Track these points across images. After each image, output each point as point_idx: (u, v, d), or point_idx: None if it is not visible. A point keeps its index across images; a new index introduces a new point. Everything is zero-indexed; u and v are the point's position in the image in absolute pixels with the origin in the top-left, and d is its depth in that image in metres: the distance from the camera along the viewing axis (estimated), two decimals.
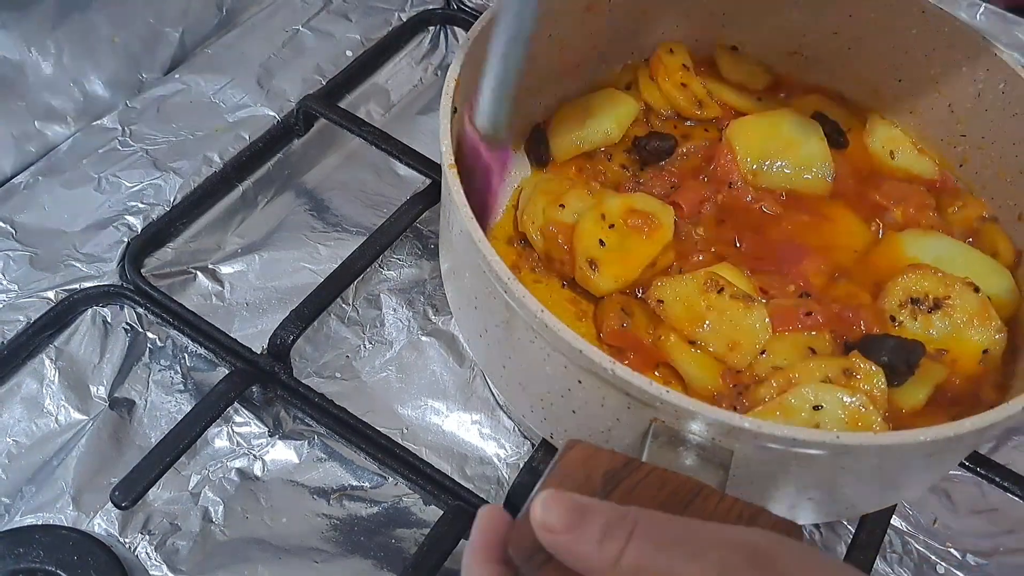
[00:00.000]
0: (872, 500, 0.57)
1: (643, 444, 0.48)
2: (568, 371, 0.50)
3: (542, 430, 0.58)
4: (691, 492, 0.42)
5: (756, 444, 0.46)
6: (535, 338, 0.50)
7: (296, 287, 0.73)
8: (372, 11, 0.94)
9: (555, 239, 0.65)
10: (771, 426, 0.45)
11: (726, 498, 0.42)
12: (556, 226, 0.65)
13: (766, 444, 0.46)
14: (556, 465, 0.43)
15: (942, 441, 0.46)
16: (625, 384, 0.46)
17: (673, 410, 0.46)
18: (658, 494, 0.42)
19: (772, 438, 0.45)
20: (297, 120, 0.82)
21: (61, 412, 0.65)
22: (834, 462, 0.48)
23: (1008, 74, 0.65)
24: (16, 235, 0.73)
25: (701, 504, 0.42)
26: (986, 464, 0.65)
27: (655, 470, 0.43)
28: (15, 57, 0.76)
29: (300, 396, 0.65)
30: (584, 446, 0.44)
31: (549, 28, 0.69)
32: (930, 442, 0.46)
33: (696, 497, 0.42)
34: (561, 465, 0.43)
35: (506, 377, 0.57)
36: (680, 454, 0.47)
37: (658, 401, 0.46)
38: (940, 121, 0.71)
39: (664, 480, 0.42)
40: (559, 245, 0.65)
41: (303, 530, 0.63)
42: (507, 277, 0.49)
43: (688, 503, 0.42)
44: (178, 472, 0.63)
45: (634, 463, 0.43)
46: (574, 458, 0.43)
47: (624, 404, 0.48)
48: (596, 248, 0.63)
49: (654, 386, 0.46)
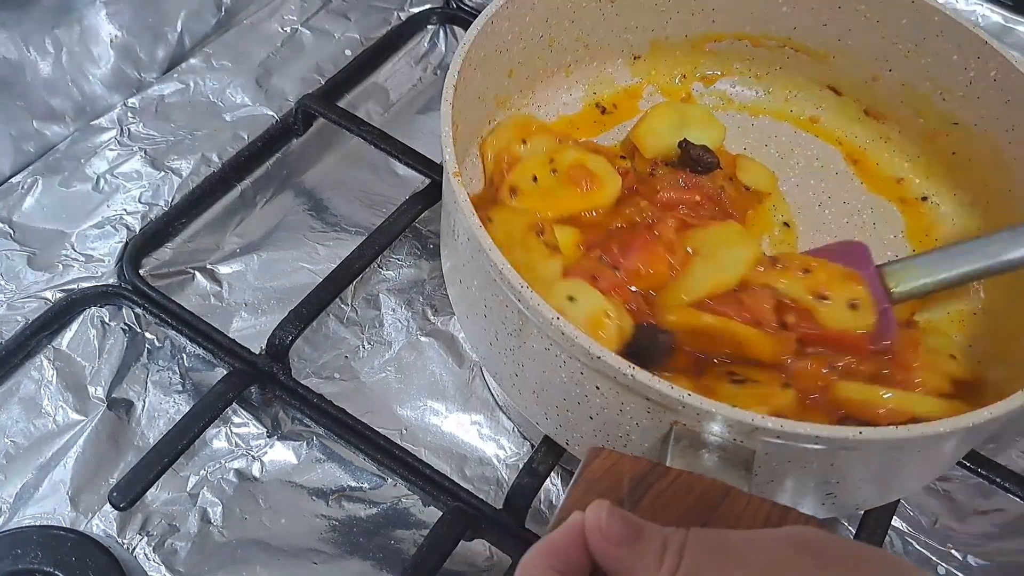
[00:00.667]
0: (883, 493, 0.58)
1: (664, 448, 0.48)
2: (585, 377, 0.49)
3: (558, 437, 0.57)
4: (719, 495, 0.42)
5: (777, 443, 0.46)
6: (550, 345, 0.50)
7: (295, 287, 0.73)
8: (371, 10, 0.94)
9: (501, 166, 0.65)
10: (793, 424, 0.45)
11: (753, 499, 0.42)
12: (509, 156, 0.66)
13: (787, 443, 0.46)
14: (581, 474, 0.43)
15: (961, 431, 0.47)
16: (645, 388, 0.46)
17: (695, 412, 0.46)
18: (687, 498, 0.42)
19: (794, 436, 0.45)
20: (296, 120, 0.82)
21: (59, 413, 0.65)
22: (853, 457, 0.49)
23: (999, 61, 0.65)
24: (14, 235, 0.73)
25: (730, 506, 0.42)
26: (987, 464, 0.65)
27: (681, 474, 0.43)
28: (13, 57, 0.75)
29: (299, 397, 0.65)
30: (608, 453, 0.43)
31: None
32: (948, 433, 0.46)
33: (724, 499, 0.42)
34: (586, 474, 0.43)
35: (519, 385, 0.56)
36: (703, 456, 0.46)
37: (680, 404, 0.46)
38: (932, 110, 0.71)
39: (691, 484, 0.42)
40: (501, 172, 0.65)
41: (302, 531, 0.62)
42: (520, 285, 0.49)
43: (716, 506, 0.42)
44: (176, 473, 0.63)
45: (659, 468, 0.43)
46: (599, 466, 0.43)
47: (644, 408, 0.48)
48: (526, 180, 0.64)
49: (676, 389, 0.45)
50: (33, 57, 0.77)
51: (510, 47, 0.67)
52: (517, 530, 0.61)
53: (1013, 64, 0.64)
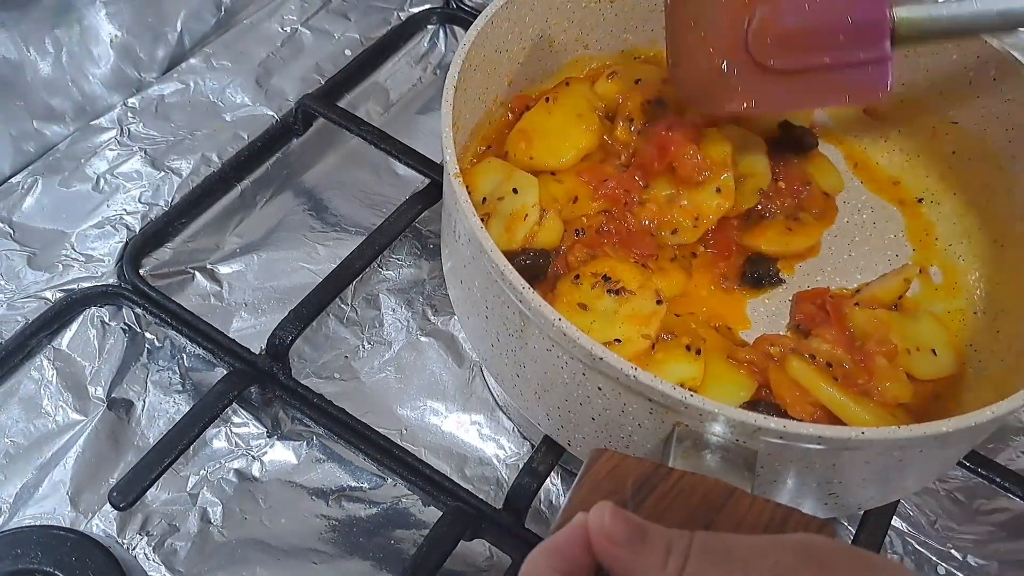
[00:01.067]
0: (885, 493, 0.58)
1: (666, 449, 0.48)
2: (587, 378, 0.49)
3: (560, 438, 0.57)
4: (722, 496, 0.42)
5: (779, 443, 0.46)
6: (552, 346, 0.50)
7: (295, 287, 0.73)
8: (371, 10, 0.94)
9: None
10: (796, 425, 0.45)
11: (757, 500, 0.42)
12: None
13: (790, 443, 0.46)
14: (584, 476, 0.43)
15: (962, 431, 0.47)
16: (648, 389, 0.46)
17: (697, 413, 0.46)
18: (691, 499, 0.42)
19: (797, 436, 0.45)
20: (296, 119, 0.82)
21: (59, 412, 0.65)
22: (856, 456, 0.49)
23: (999, 60, 0.65)
24: (14, 235, 0.73)
25: (734, 507, 0.42)
26: (987, 465, 0.65)
27: (685, 475, 0.43)
28: (13, 57, 0.75)
29: (299, 396, 0.65)
30: (611, 455, 0.43)
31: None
32: (950, 432, 0.46)
33: (728, 500, 0.42)
34: (589, 475, 0.43)
35: (520, 386, 0.56)
36: (705, 457, 0.47)
37: (682, 405, 0.46)
38: (932, 109, 0.71)
39: (695, 485, 0.42)
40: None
41: (302, 531, 0.62)
42: (522, 287, 0.49)
43: (720, 507, 0.42)
44: (176, 473, 0.63)
45: (663, 469, 0.43)
46: (602, 468, 0.43)
47: (646, 409, 0.48)
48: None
49: (678, 390, 0.46)
50: (33, 57, 0.77)
51: (510, 47, 0.67)
52: (517, 530, 0.61)
53: (1013, 64, 0.64)
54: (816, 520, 0.42)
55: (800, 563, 0.36)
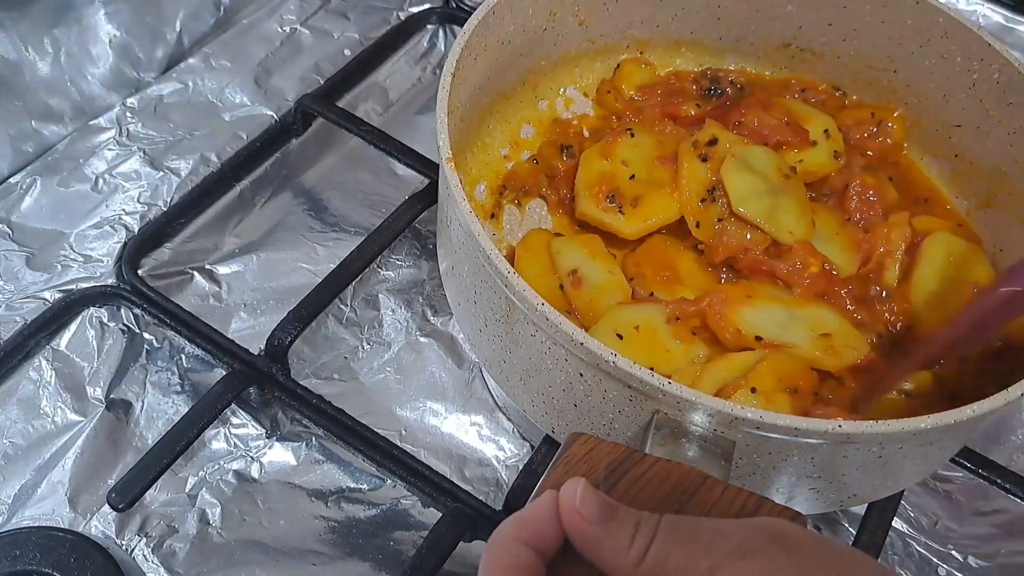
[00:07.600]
0: (870, 489, 0.57)
1: (645, 436, 0.48)
2: (569, 364, 0.50)
3: (544, 425, 0.58)
4: (695, 482, 0.42)
5: (757, 434, 0.46)
6: (536, 331, 0.50)
7: (294, 288, 0.73)
8: (370, 10, 0.94)
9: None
10: (773, 416, 0.45)
11: (730, 488, 0.42)
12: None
13: (767, 434, 0.46)
14: (559, 458, 0.44)
15: (942, 428, 0.47)
16: (627, 376, 0.47)
17: (675, 401, 0.46)
18: (662, 485, 0.42)
19: (773, 428, 0.46)
20: (295, 119, 0.82)
21: (58, 413, 0.65)
22: (835, 451, 0.49)
23: (1002, 63, 0.65)
24: (12, 235, 0.72)
25: (705, 494, 0.42)
26: (987, 465, 0.65)
27: (658, 461, 0.43)
28: (12, 56, 0.75)
29: (298, 397, 0.65)
30: (587, 439, 0.44)
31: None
32: (930, 429, 0.47)
33: (700, 487, 0.42)
34: (565, 458, 0.43)
35: (507, 372, 0.57)
36: (682, 445, 0.47)
37: (660, 392, 0.46)
38: (935, 111, 0.71)
39: (668, 471, 0.43)
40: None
41: (301, 532, 0.62)
42: (507, 271, 0.49)
43: (692, 493, 0.42)
44: (175, 474, 0.63)
45: (637, 455, 0.43)
46: (577, 451, 0.43)
47: (626, 396, 0.48)
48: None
49: (656, 377, 0.46)
50: (32, 57, 0.77)
51: (512, 39, 0.67)
52: None
53: (1016, 67, 0.65)
54: (789, 510, 0.42)
55: (767, 544, 0.36)
